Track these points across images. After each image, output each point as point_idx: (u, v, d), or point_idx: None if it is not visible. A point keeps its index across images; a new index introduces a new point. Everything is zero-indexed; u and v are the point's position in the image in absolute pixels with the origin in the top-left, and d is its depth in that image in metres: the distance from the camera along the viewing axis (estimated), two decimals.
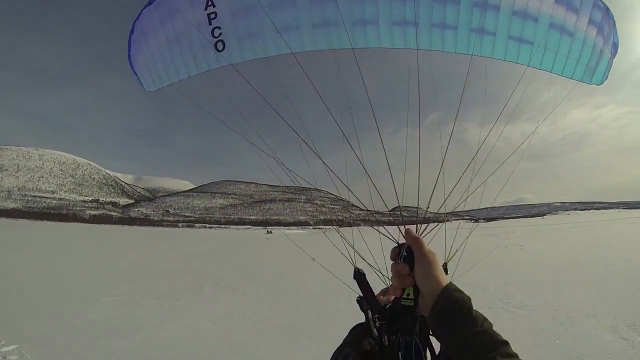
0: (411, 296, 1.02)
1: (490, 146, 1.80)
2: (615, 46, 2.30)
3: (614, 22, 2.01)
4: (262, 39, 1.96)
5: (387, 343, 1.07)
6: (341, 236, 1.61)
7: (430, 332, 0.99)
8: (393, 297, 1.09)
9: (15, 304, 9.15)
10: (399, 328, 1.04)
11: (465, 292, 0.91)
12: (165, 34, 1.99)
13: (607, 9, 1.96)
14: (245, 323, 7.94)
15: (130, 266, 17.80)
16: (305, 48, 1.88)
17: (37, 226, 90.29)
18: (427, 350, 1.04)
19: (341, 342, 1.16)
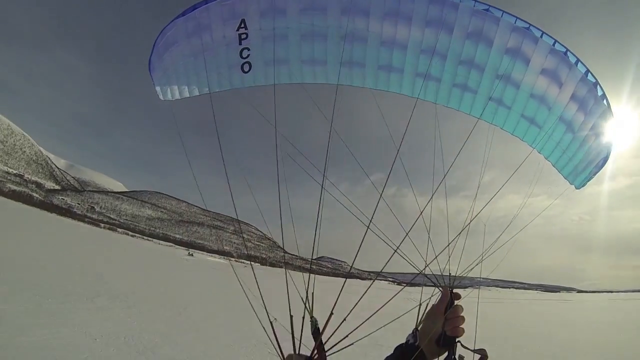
0: None
1: (428, 215, 1.91)
2: (604, 160, 2.30)
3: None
4: (287, 66, 1.93)
5: None
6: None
7: None
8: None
9: None
10: None
11: None
12: (192, 47, 1.93)
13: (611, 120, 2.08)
14: (130, 348, 6.90)
15: (27, 256, 16.05)
16: (330, 81, 1.85)
17: None
18: None
19: None
